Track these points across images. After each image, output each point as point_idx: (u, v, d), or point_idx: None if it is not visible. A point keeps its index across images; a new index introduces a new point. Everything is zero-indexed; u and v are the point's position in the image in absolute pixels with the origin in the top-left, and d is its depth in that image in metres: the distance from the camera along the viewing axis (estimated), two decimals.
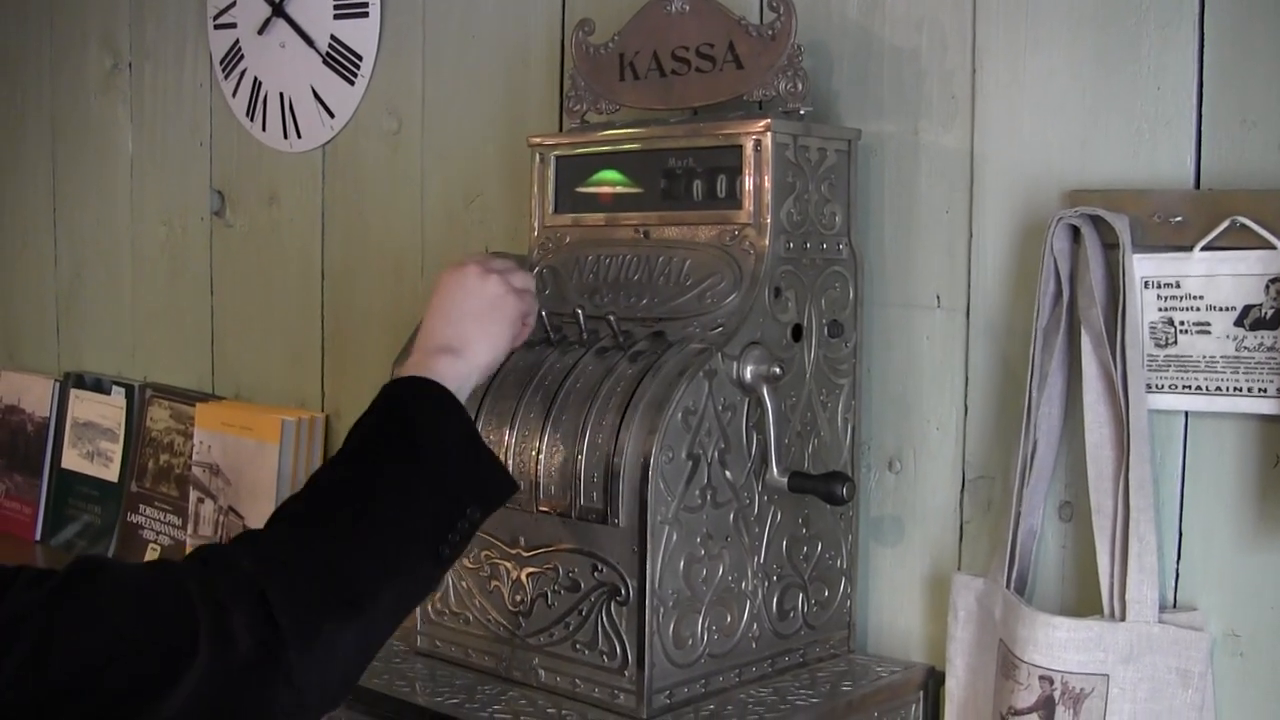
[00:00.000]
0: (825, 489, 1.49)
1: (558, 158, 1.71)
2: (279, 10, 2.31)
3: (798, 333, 1.56)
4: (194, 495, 2.34)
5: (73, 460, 2.68)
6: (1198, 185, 1.43)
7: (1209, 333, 1.41)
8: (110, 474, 2.58)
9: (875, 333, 1.67)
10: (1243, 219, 1.37)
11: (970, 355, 1.61)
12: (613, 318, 1.51)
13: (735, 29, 1.59)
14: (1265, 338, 1.38)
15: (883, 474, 1.69)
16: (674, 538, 1.43)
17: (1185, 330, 1.42)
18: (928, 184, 1.63)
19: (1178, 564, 1.45)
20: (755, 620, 1.53)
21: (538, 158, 1.72)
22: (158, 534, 2.43)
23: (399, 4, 2.17)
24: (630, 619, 1.43)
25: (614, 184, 1.66)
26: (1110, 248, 1.45)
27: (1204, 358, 1.41)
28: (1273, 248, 1.36)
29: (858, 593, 1.67)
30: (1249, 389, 1.39)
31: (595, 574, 1.46)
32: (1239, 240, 1.38)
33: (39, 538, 2.71)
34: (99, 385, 2.66)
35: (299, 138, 2.33)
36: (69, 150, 2.82)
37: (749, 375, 1.48)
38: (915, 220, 1.64)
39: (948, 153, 1.61)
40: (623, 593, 1.44)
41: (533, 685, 1.53)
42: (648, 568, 1.41)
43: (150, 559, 1.14)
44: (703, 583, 1.47)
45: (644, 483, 1.40)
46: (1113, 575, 1.43)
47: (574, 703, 1.48)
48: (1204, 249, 1.40)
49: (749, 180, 1.53)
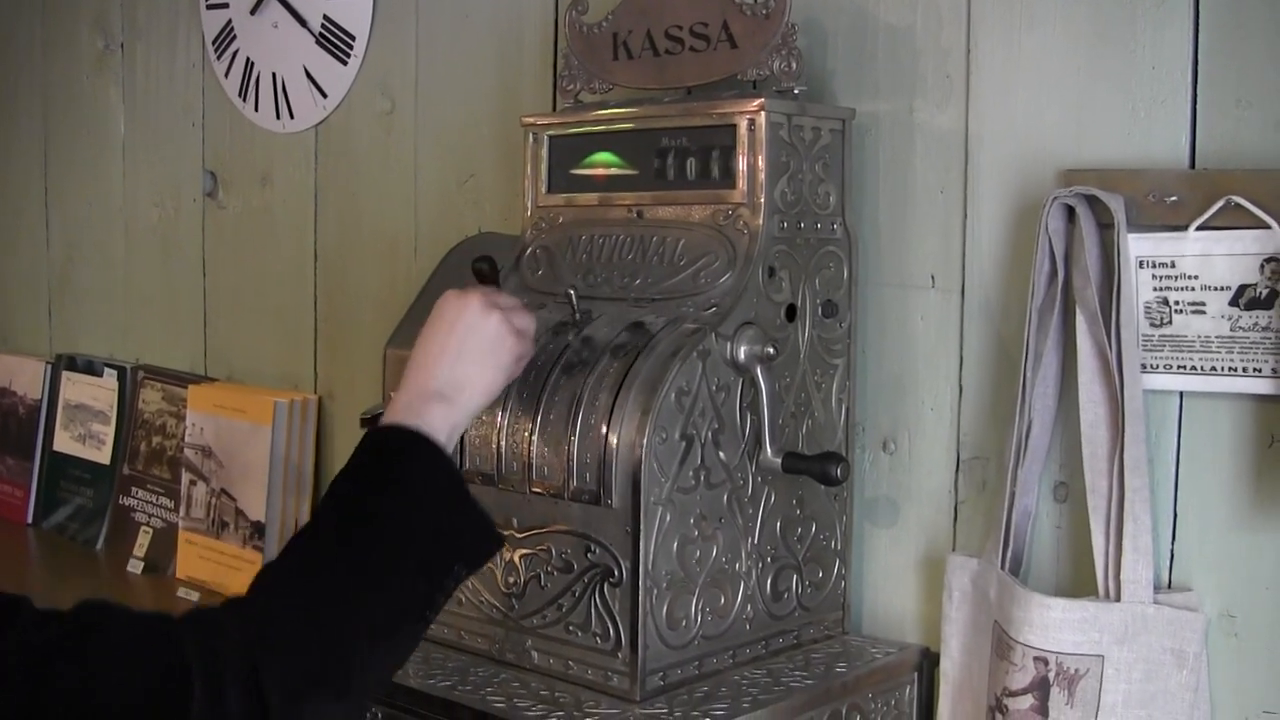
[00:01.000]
0: (820, 470, 1.49)
1: (551, 137, 1.70)
2: None
3: (792, 313, 1.55)
4: (186, 477, 2.33)
5: (64, 443, 2.67)
6: (1193, 165, 1.42)
7: (1204, 312, 1.41)
8: (102, 456, 2.58)
9: (870, 313, 1.66)
10: (1238, 199, 1.36)
11: (965, 335, 1.61)
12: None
13: (729, 7, 1.58)
14: (1260, 317, 1.37)
15: (877, 454, 1.68)
16: (667, 519, 1.43)
17: (1180, 310, 1.42)
18: (922, 163, 1.63)
19: (1173, 544, 1.45)
20: (749, 602, 1.53)
21: (531, 137, 1.71)
22: (150, 517, 2.42)
23: None
24: (624, 600, 1.43)
25: (608, 165, 1.65)
26: (1105, 227, 1.44)
27: (1199, 337, 1.41)
28: (1268, 227, 1.36)
29: (852, 574, 1.67)
30: (1244, 369, 1.39)
31: (588, 555, 1.46)
32: (1234, 220, 1.38)
33: (30, 521, 2.70)
34: (91, 367, 2.65)
35: (291, 118, 2.32)
36: (61, 131, 2.81)
37: (743, 355, 1.48)
38: (910, 200, 1.64)
39: (943, 132, 1.61)
40: (616, 574, 1.43)
41: (526, 667, 1.52)
42: (641, 549, 1.41)
43: (147, 611, 1.14)
44: (696, 564, 1.46)
45: (637, 464, 1.40)
46: (1108, 556, 1.42)
47: (567, 684, 1.48)
48: (1199, 229, 1.39)
49: (743, 160, 1.52)
